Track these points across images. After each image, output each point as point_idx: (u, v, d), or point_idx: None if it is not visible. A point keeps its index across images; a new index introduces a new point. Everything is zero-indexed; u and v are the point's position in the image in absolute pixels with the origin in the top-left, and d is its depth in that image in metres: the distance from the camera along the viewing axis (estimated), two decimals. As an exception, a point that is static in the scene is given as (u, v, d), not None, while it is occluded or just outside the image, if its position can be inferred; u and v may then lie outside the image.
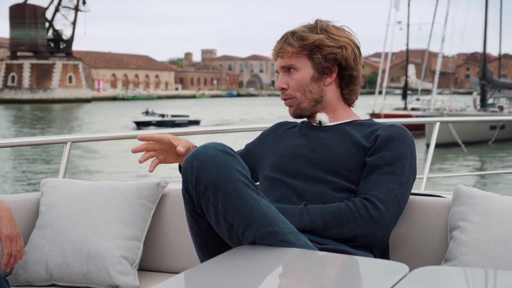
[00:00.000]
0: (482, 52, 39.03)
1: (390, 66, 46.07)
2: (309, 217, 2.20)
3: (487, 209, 2.32)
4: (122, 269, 2.61)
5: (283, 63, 2.42)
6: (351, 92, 2.46)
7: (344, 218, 2.18)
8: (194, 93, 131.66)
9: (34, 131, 43.28)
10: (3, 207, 2.44)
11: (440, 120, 4.62)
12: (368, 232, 2.18)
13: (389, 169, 2.26)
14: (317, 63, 2.39)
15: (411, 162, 2.31)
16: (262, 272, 1.74)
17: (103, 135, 3.96)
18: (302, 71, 2.40)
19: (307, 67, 2.40)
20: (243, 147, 2.65)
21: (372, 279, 1.73)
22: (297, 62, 2.40)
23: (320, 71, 2.40)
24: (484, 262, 2.21)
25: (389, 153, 2.28)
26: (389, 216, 2.20)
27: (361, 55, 2.47)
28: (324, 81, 2.41)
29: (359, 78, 2.46)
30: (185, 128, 9.00)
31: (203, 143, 2.15)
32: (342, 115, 2.45)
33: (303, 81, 2.40)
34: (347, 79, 2.43)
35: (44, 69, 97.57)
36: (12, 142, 3.61)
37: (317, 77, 2.40)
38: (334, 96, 2.44)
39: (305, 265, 1.85)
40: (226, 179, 1.99)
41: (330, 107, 2.44)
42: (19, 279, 2.65)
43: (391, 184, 2.24)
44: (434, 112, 35.66)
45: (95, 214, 2.69)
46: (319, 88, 2.41)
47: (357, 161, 2.30)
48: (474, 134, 29.47)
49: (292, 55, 2.40)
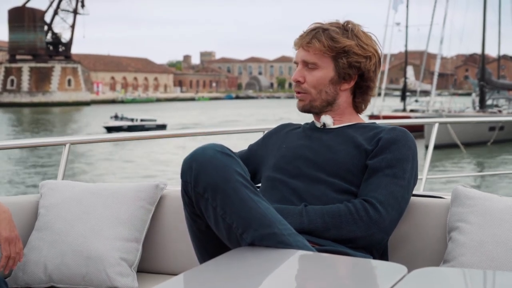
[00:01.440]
0: (480, 53, 39.06)
1: (389, 68, 46.15)
2: (309, 218, 2.20)
3: (486, 210, 2.31)
4: (121, 270, 2.61)
5: (306, 58, 2.39)
6: (363, 101, 2.46)
7: (343, 220, 2.18)
8: (193, 96, 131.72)
9: (34, 135, 43.27)
10: (2, 209, 2.44)
11: (439, 121, 4.62)
12: (367, 234, 2.18)
13: (390, 172, 2.25)
14: (340, 68, 2.37)
15: (413, 165, 2.31)
16: (260, 274, 1.74)
17: (102, 137, 3.97)
18: (323, 71, 2.38)
19: (329, 68, 2.38)
20: (246, 147, 2.64)
21: (371, 280, 1.73)
22: (321, 61, 2.38)
23: (341, 76, 2.38)
24: (482, 263, 2.21)
25: (391, 155, 2.28)
26: (389, 218, 2.20)
27: (380, 68, 2.46)
28: (341, 86, 2.40)
29: (374, 90, 2.46)
30: (183, 130, 8.98)
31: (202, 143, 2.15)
32: (348, 118, 2.45)
33: (321, 81, 2.38)
34: (364, 89, 2.43)
35: (43, 72, 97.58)
36: (11, 144, 3.61)
37: (336, 81, 2.39)
38: (346, 101, 2.44)
39: (303, 266, 1.85)
40: (225, 180, 1.99)
41: (339, 110, 2.44)
42: (18, 281, 2.65)
43: (392, 187, 2.23)
44: (433, 114, 35.66)
45: (94, 216, 2.69)
46: (335, 91, 2.40)
47: (358, 164, 2.30)
48: (473, 135, 29.48)
49: (319, 52, 2.37)
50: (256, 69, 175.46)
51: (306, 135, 2.44)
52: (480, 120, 18.74)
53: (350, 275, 1.78)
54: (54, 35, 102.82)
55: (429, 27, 41.65)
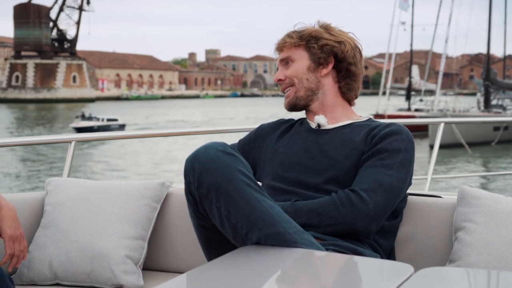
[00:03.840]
0: (486, 53, 38.98)
1: (394, 67, 46.12)
2: (295, 208, 2.21)
3: (492, 210, 2.31)
4: (127, 268, 2.61)
5: (282, 56, 2.47)
6: (348, 86, 2.46)
7: (325, 207, 2.18)
8: (198, 93, 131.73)
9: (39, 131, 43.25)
10: (7, 206, 2.44)
11: (444, 121, 4.61)
12: (349, 219, 2.16)
13: (378, 163, 2.25)
14: (313, 54, 2.42)
15: (405, 156, 2.28)
16: (266, 273, 1.74)
17: (107, 134, 3.96)
18: (299, 62, 2.44)
19: (304, 58, 2.44)
20: (236, 141, 2.63)
21: (377, 280, 1.73)
22: (295, 53, 2.44)
23: (316, 61, 2.43)
24: (489, 263, 2.21)
25: (380, 146, 2.28)
26: (372, 203, 2.17)
27: (362, 56, 2.49)
28: (321, 72, 2.43)
29: (358, 75, 2.46)
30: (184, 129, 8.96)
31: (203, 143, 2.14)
32: (342, 115, 2.45)
33: (299, 69, 2.43)
34: (344, 73, 2.44)
35: (48, 69, 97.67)
36: (15, 141, 3.61)
37: (313, 68, 2.43)
38: (332, 90, 2.45)
39: (309, 265, 1.85)
40: (228, 180, 1.99)
41: (328, 105, 2.44)
42: (23, 278, 2.65)
43: (378, 175, 2.22)
44: (438, 113, 35.59)
45: (99, 213, 2.69)
46: (315, 78, 2.44)
47: (356, 167, 2.29)
48: (477, 135, 29.40)
49: (291, 46, 2.44)
50: (261, 67, 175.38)
51: (302, 138, 2.43)
52: (485, 120, 18.70)
53: (357, 274, 1.78)
54: (60, 32, 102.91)
55: (434, 27, 41.58)
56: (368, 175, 2.23)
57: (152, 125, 47.00)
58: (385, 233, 2.30)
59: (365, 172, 2.24)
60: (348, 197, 2.17)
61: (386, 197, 2.22)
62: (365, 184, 2.20)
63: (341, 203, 2.17)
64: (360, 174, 2.25)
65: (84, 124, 41.56)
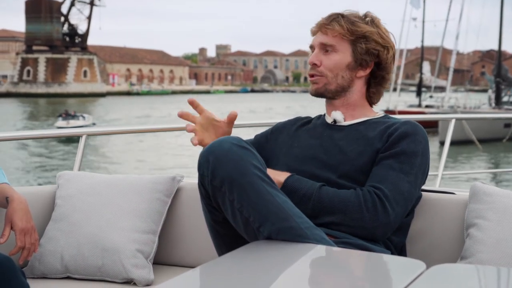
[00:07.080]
0: (497, 49, 38.81)
1: (405, 63, 45.95)
2: (319, 195, 2.19)
3: (505, 207, 2.30)
4: (137, 262, 2.61)
5: (325, 40, 2.38)
6: (377, 93, 2.45)
7: (350, 206, 2.17)
8: (208, 89, 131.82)
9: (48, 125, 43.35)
10: (19, 199, 2.45)
11: (455, 117, 4.59)
12: (370, 226, 2.16)
13: (397, 166, 2.23)
14: (358, 53, 2.36)
15: (422, 159, 2.27)
16: (278, 268, 1.73)
17: (118, 129, 3.96)
18: (341, 55, 2.37)
19: (347, 52, 2.36)
20: (253, 137, 2.62)
21: (390, 276, 1.72)
22: (339, 44, 2.36)
23: (358, 61, 2.37)
24: (501, 260, 2.20)
25: (399, 149, 2.25)
26: (394, 214, 2.17)
27: (395, 64, 2.45)
28: (357, 73, 2.39)
29: (388, 82, 2.45)
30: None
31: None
32: (360, 113, 2.43)
33: (338, 65, 2.37)
34: (378, 79, 2.42)
35: (59, 63, 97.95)
36: (27, 134, 3.62)
37: (352, 66, 2.37)
38: (360, 91, 2.42)
39: (321, 261, 1.84)
40: (242, 174, 1.99)
41: (351, 103, 2.42)
42: (35, 271, 2.66)
43: (399, 182, 2.20)
44: (448, 110, 35.47)
45: (110, 207, 2.70)
46: (350, 77, 2.38)
47: (370, 162, 2.28)
48: (488, 132, 29.29)
49: (338, 35, 2.36)
50: (272, 63, 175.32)
51: (317, 132, 2.42)
52: (496, 117, 18.59)
53: (369, 270, 1.77)
54: (71, 27, 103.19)
55: (445, 23, 41.44)
56: (388, 178, 2.20)
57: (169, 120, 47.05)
58: (397, 230, 2.29)
59: (385, 173, 2.22)
60: (374, 204, 2.15)
61: (405, 206, 2.22)
62: (387, 189, 2.18)
63: (366, 208, 2.15)
64: (379, 174, 2.23)
65: (72, 125, 36.63)
